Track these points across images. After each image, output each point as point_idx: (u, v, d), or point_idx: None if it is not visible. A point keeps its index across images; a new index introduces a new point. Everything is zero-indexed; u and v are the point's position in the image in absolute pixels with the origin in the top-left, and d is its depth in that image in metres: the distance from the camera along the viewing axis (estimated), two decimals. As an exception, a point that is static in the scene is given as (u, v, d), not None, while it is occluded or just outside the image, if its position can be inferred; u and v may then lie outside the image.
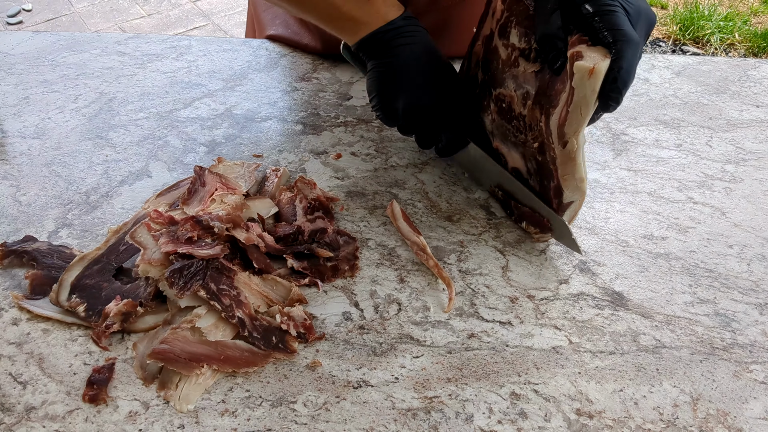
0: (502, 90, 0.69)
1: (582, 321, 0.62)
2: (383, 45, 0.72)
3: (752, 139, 0.87)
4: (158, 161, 0.80)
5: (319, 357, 0.58)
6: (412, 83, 0.71)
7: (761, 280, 0.67)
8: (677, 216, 0.74)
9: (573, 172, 0.63)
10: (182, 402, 0.53)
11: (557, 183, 0.64)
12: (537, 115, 0.64)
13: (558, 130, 0.61)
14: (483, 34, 0.74)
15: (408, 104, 0.72)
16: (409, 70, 0.71)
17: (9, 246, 0.66)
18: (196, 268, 0.59)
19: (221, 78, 0.96)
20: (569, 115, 0.59)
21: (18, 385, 0.55)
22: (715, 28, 2.87)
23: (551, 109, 0.61)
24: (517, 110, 0.67)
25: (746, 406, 0.55)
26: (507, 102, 0.69)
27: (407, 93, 0.71)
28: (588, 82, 0.56)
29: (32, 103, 0.89)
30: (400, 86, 0.72)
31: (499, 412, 0.54)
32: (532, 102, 0.64)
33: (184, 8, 3.18)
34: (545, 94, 0.62)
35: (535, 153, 0.66)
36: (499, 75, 0.70)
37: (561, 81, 0.60)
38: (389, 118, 0.74)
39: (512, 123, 0.68)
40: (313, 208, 0.71)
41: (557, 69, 0.61)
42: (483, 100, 0.74)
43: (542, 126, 0.63)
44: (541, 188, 0.68)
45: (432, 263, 0.65)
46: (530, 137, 0.66)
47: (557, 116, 0.60)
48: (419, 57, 0.71)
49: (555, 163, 0.63)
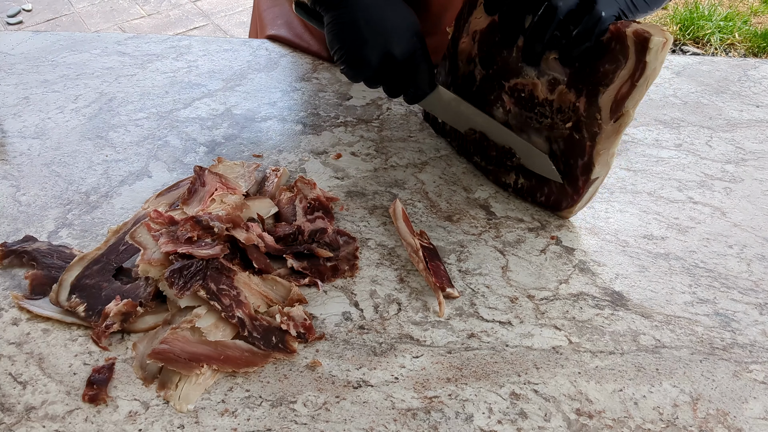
0: (520, 80, 0.70)
1: (582, 321, 0.62)
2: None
3: (752, 139, 0.87)
4: (158, 161, 0.80)
5: (319, 357, 0.58)
6: (377, 31, 0.69)
7: (761, 280, 0.67)
8: (677, 216, 0.74)
9: (610, 147, 0.66)
10: (182, 402, 0.53)
11: (588, 159, 0.67)
12: (571, 98, 0.66)
13: (613, 105, 0.63)
14: (471, 30, 0.74)
15: (378, 53, 0.70)
16: (371, 17, 0.69)
17: (9, 246, 0.66)
18: (196, 268, 0.59)
19: (221, 78, 0.96)
20: (635, 89, 0.61)
21: (18, 385, 0.55)
22: (715, 28, 2.87)
23: (601, 88, 0.63)
24: (541, 96, 0.69)
25: (746, 406, 0.55)
26: (528, 90, 0.70)
27: (374, 42, 0.69)
28: (660, 55, 0.59)
29: (32, 103, 0.89)
30: (366, 35, 0.69)
31: (499, 412, 0.54)
32: (565, 86, 0.66)
33: (184, 8, 3.18)
34: (585, 77, 0.65)
35: (565, 133, 0.68)
36: (512, 65, 0.70)
37: (609, 60, 0.62)
38: (358, 71, 0.72)
39: (535, 110, 0.70)
40: (313, 208, 0.71)
41: (600, 51, 0.63)
42: (488, 94, 0.74)
43: (580, 106, 0.66)
44: (566, 167, 0.70)
45: (422, 266, 0.65)
46: (559, 119, 0.68)
47: (613, 93, 0.63)
48: (377, 4, 0.69)
49: (595, 138, 0.66)
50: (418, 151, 0.83)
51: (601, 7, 0.61)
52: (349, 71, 0.72)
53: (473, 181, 0.79)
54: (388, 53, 0.70)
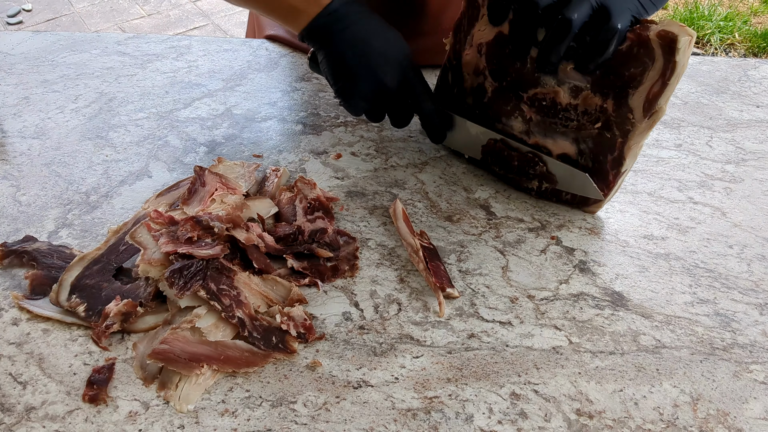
0: (539, 89, 0.70)
1: (582, 321, 0.62)
2: (325, 32, 0.70)
3: (752, 139, 0.87)
4: (158, 161, 0.80)
5: (319, 357, 0.58)
6: (366, 64, 0.69)
7: (761, 280, 0.67)
8: (677, 216, 0.74)
9: (640, 140, 0.67)
10: (182, 402, 0.53)
11: (619, 154, 0.68)
12: (597, 102, 0.67)
13: (646, 104, 0.64)
14: (475, 42, 0.73)
15: (370, 86, 0.70)
16: (357, 51, 0.69)
17: (9, 246, 0.66)
18: (196, 268, 0.59)
19: (221, 78, 0.96)
20: (667, 87, 0.62)
21: (18, 385, 0.55)
22: (715, 28, 2.87)
23: (630, 90, 0.64)
24: (564, 102, 0.69)
25: (746, 406, 0.55)
26: (549, 99, 0.70)
27: (365, 75, 0.70)
28: (688, 51, 0.61)
29: (32, 103, 0.89)
30: (355, 70, 0.69)
31: (499, 412, 0.54)
32: (589, 92, 0.67)
33: (184, 8, 3.18)
34: (609, 82, 0.65)
35: (593, 133, 0.69)
36: (528, 77, 0.70)
37: (635, 64, 0.63)
38: (355, 105, 0.72)
39: (559, 116, 0.70)
40: (313, 208, 0.71)
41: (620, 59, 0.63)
42: (504, 105, 0.74)
43: (608, 108, 0.67)
44: (595, 163, 0.70)
45: (422, 267, 0.65)
46: (586, 120, 0.69)
47: (644, 93, 0.64)
48: (363, 37, 0.70)
49: (627, 135, 0.67)
50: (418, 151, 0.83)
51: (616, 20, 0.61)
52: (347, 106, 0.73)
53: (473, 181, 0.79)
54: (380, 84, 0.71)
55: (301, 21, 0.71)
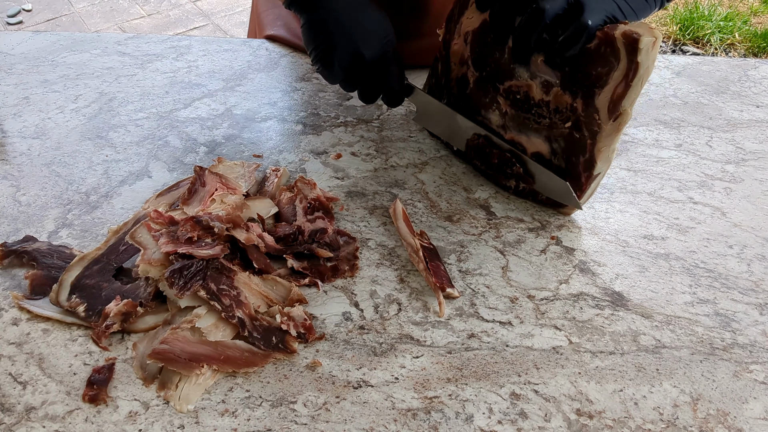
0: (514, 82, 0.70)
1: (582, 321, 0.62)
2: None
3: (752, 139, 0.87)
4: (158, 161, 0.80)
5: (319, 357, 0.58)
6: (348, 33, 0.70)
7: (761, 280, 0.67)
8: (677, 216, 0.74)
9: (610, 144, 0.66)
10: (182, 402, 0.53)
11: (589, 156, 0.67)
12: (567, 99, 0.67)
13: (610, 105, 0.64)
14: (463, 31, 0.74)
15: (348, 55, 0.71)
16: (342, 20, 0.70)
17: (9, 246, 0.66)
18: (196, 268, 0.59)
19: (221, 78, 0.96)
20: (630, 88, 0.62)
21: (18, 385, 0.55)
22: (715, 28, 2.87)
23: (596, 90, 0.64)
24: (536, 98, 0.69)
25: (746, 406, 0.55)
26: (523, 92, 0.70)
27: (345, 43, 0.71)
28: (651, 53, 0.60)
29: (32, 103, 0.89)
30: (336, 37, 0.70)
31: (499, 412, 0.54)
32: (559, 89, 0.67)
33: (184, 8, 3.18)
34: (578, 80, 0.65)
35: (565, 132, 0.68)
36: (504, 67, 0.70)
37: (601, 63, 0.63)
38: (330, 71, 0.73)
39: (532, 111, 0.70)
40: (313, 208, 0.71)
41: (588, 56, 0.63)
42: (483, 97, 0.74)
43: (577, 107, 0.66)
44: (568, 165, 0.70)
45: (422, 267, 0.65)
46: (558, 119, 0.68)
47: (608, 94, 0.63)
48: (348, 7, 0.71)
49: (595, 137, 0.66)
50: (418, 151, 0.83)
51: (587, 16, 0.62)
52: (323, 71, 0.74)
53: (473, 181, 0.79)
54: (357, 55, 0.71)
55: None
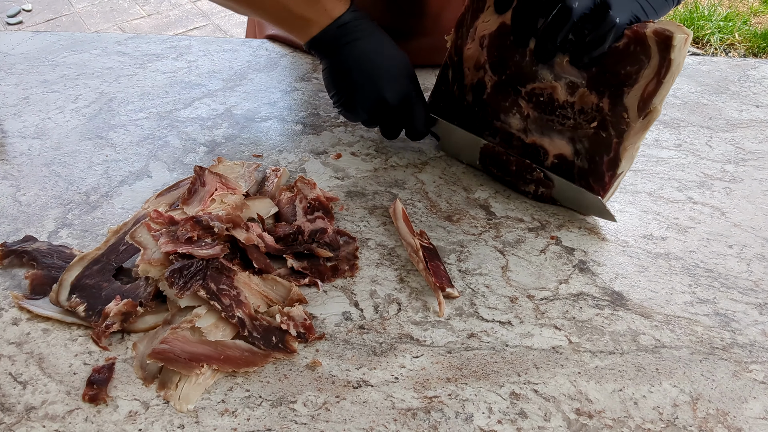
0: (537, 84, 0.70)
1: (582, 321, 0.62)
2: (332, 43, 0.72)
3: (752, 139, 0.87)
4: (158, 161, 0.80)
5: (319, 357, 0.58)
6: (369, 78, 0.72)
7: (761, 280, 0.67)
8: (677, 216, 0.74)
9: (636, 141, 0.67)
10: (182, 402, 0.53)
11: (614, 155, 0.68)
12: (593, 99, 0.67)
13: (640, 103, 0.64)
14: (478, 35, 0.73)
15: (371, 99, 0.72)
16: (363, 66, 0.72)
17: (9, 246, 0.66)
18: (196, 268, 0.59)
19: (221, 78, 0.96)
20: (662, 86, 0.62)
21: (18, 385, 0.55)
22: (715, 28, 2.87)
23: (626, 88, 0.64)
24: (561, 99, 0.69)
25: (746, 405, 0.55)
26: (547, 94, 0.70)
27: (367, 88, 0.72)
28: (683, 50, 0.61)
29: (32, 103, 0.89)
30: (359, 83, 0.72)
31: (498, 411, 0.54)
32: (585, 89, 0.67)
33: (184, 8, 3.18)
34: (605, 80, 0.65)
35: (589, 132, 0.69)
36: (526, 70, 0.70)
37: (630, 62, 0.63)
38: (353, 114, 0.75)
39: (556, 113, 0.70)
40: (313, 208, 0.71)
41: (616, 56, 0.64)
42: (503, 101, 0.74)
43: (603, 106, 0.66)
44: (591, 164, 0.70)
45: (422, 266, 0.65)
46: (582, 119, 0.68)
47: (639, 91, 0.64)
48: (370, 52, 0.72)
49: (622, 135, 0.66)
50: (418, 151, 0.83)
51: (615, 14, 0.62)
52: (345, 114, 0.76)
53: (473, 181, 0.79)
54: (380, 99, 0.73)
55: (310, 31, 0.73)
